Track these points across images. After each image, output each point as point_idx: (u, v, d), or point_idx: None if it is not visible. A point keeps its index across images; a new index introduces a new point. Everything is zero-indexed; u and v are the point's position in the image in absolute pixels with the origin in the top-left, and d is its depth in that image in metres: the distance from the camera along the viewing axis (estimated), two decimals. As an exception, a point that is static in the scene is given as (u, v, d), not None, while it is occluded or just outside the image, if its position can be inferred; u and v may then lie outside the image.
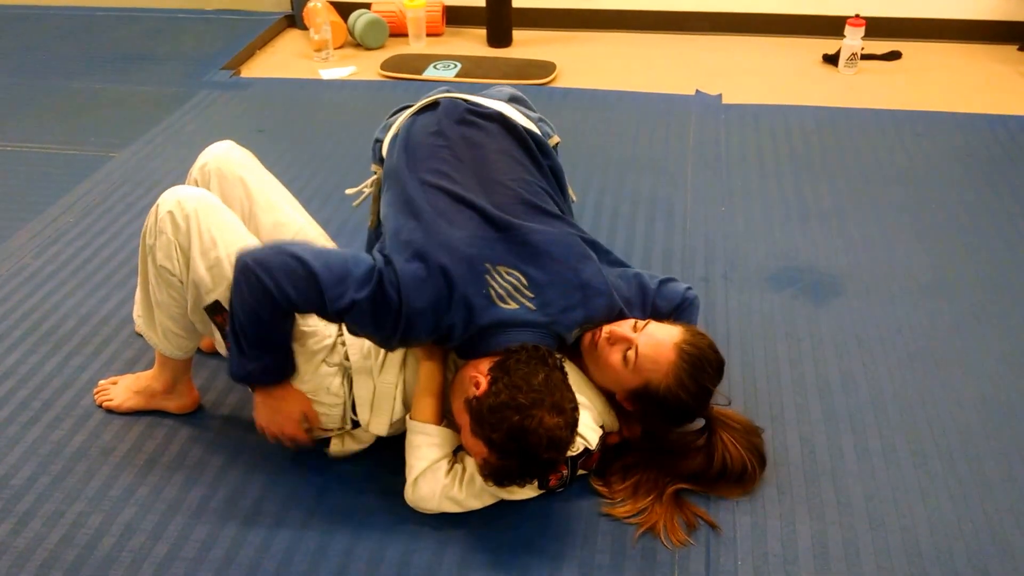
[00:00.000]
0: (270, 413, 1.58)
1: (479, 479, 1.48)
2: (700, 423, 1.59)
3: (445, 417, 1.55)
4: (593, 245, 1.61)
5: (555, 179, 1.67)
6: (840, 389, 1.83)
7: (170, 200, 1.54)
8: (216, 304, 1.53)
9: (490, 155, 1.59)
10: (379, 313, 1.42)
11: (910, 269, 2.21)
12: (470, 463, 1.50)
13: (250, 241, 1.56)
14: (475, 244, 1.46)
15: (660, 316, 1.61)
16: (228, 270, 1.50)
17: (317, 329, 1.56)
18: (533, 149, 1.64)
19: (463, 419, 1.43)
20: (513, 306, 1.45)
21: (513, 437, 1.34)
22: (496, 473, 1.41)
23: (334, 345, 1.58)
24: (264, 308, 1.43)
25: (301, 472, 1.64)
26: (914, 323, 2.02)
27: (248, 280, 1.42)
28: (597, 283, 1.54)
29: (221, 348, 1.60)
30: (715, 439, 1.55)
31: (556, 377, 1.39)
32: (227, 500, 1.59)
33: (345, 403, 1.59)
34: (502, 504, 1.53)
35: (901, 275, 2.18)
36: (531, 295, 1.47)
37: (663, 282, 1.67)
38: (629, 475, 1.56)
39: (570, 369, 1.54)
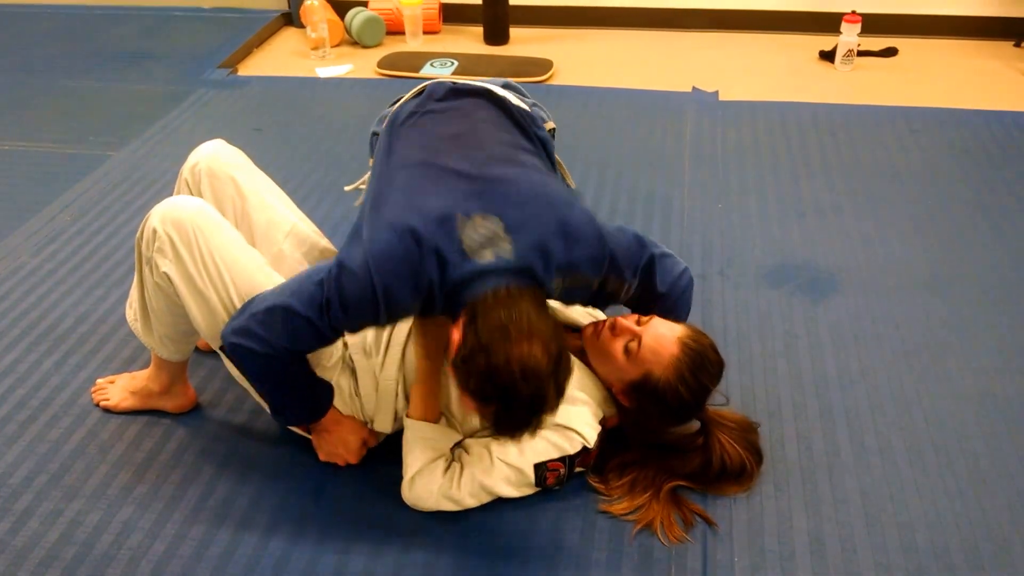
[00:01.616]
0: (331, 447, 1.62)
1: (477, 479, 1.48)
2: (696, 425, 1.59)
3: (443, 414, 1.55)
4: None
5: (544, 151, 1.61)
6: (837, 385, 1.83)
7: (169, 222, 1.50)
8: None
9: (476, 123, 1.54)
10: (356, 305, 1.37)
11: (907, 265, 2.21)
12: (468, 462, 1.51)
13: (253, 257, 1.56)
14: (448, 201, 1.38)
15: (652, 289, 1.54)
16: (237, 299, 1.50)
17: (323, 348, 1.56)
18: (521, 120, 1.59)
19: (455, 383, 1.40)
20: (489, 257, 1.35)
21: (486, 379, 1.28)
22: (496, 426, 1.34)
23: (343, 356, 1.60)
24: (272, 369, 1.46)
25: (299, 470, 1.65)
26: (911, 319, 2.02)
27: (241, 355, 1.45)
28: (584, 231, 1.42)
29: (243, 381, 1.60)
30: (712, 440, 1.55)
31: (523, 308, 1.30)
32: (225, 498, 1.59)
33: (358, 405, 1.61)
34: (498, 502, 1.53)
35: (898, 271, 2.19)
36: (508, 241, 1.37)
37: (664, 255, 1.57)
38: (626, 472, 1.56)
39: (574, 363, 1.54)
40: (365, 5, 3.77)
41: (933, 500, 1.57)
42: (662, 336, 1.48)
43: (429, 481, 1.49)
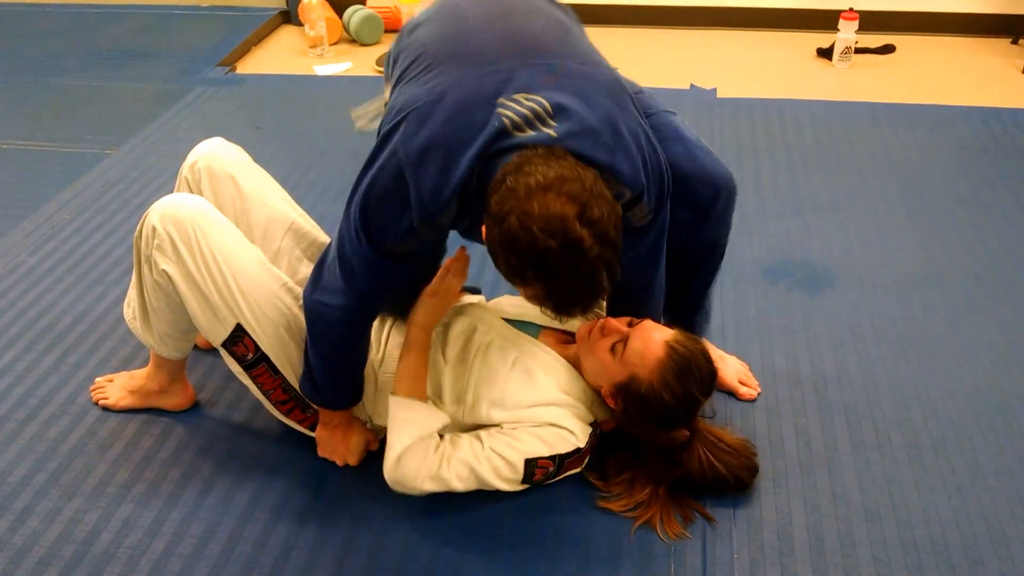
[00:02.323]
0: (333, 446, 1.61)
1: (467, 463, 1.45)
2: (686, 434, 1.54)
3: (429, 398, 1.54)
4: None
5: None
6: (835, 381, 1.83)
7: (168, 220, 1.49)
8: (237, 330, 1.51)
9: (520, 8, 1.39)
10: (382, 199, 1.27)
11: (904, 262, 2.21)
12: (459, 446, 1.47)
13: (254, 254, 1.55)
14: (488, 73, 1.25)
15: (695, 197, 1.46)
16: (238, 294, 1.50)
17: None
18: (571, 12, 1.49)
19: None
20: (531, 133, 1.21)
21: (510, 251, 1.15)
22: (553, 307, 1.22)
23: None
24: (345, 336, 1.46)
25: (298, 468, 1.65)
26: (908, 315, 2.03)
27: (320, 314, 1.43)
28: (632, 139, 1.28)
29: (244, 378, 1.59)
30: (692, 454, 1.51)
31: (544, 166, 1.15)
32: (224, 496, 1.59)
33: (363, 404, 1.61)
34: (498, 498, 1.53)
35: (895, 268, 2.19)
36: (555, 123, 1.23)
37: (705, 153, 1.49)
38: (625, 469, 1.56)
39: (562, 366, 1.54)
40: (363, 3, 3.77)
41: (931, 495, 1.57)
42: (649, 339, 1.45)
43: (418, 460, 1.44)
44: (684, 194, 1.48)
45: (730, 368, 1.80)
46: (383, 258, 1.34)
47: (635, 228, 1.37)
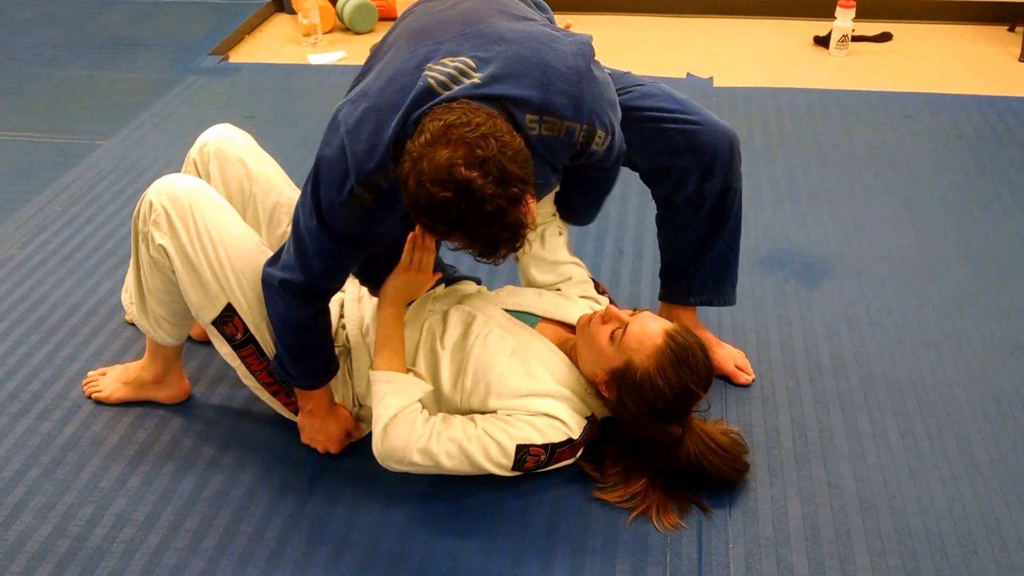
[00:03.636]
0: (314, 432, 1.61)
1: (458, 441, 1.44)
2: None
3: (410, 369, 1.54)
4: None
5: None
6: (831, 371, 1.83)
7: (164, 195, 1.51)
8: (227, 310, 1.53)
9: (471, 5, 1.40)
10: (328, 172, 1.35)
11: (900, 251, 2.21)
12: (452, 425, 1.46)
13: (249, 235, 1.57)
14: (422, 47, 1.30)
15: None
16: (231, 272, 1.51)
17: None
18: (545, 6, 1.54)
19: None
20: (455, 88, 1.25)
21: (417, 211, 1.21)
22: (470, 249, 1.27)
23: (336, 329, 1.61)
24: (301, 313, 1.47)
25: (293, 461, 1.64)
26: (904, 305, 2.02)
27: (279, 291, 1.45)
28: (567, 70, 1.27)
29: (233, 360, 1.59)
30: (681, 450, 1.50)
31: (449, 113, 1.17)
32: (219, 489, 1.59)
33: (350, 386, 1.62)
34: (494, 488, 1.53)
35: (891, 257, 2.19)
36: (477, 72, 1.25)
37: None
38: (621, 459, 1.56)
39: (558, 358, 1.54)
40: (356, -9, 3.74)
41: (927, 485, 1.58)
42: (648, 326, 1.46)
43: (405, 431, 1.43)
44: (687, 144, 1.58)
45: (727, 353, 1.81)
46: (335, 241, 1.38)
47: (599, 158, 1.41)
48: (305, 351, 1.54)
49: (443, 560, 1.45)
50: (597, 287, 1.74)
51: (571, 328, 1.59)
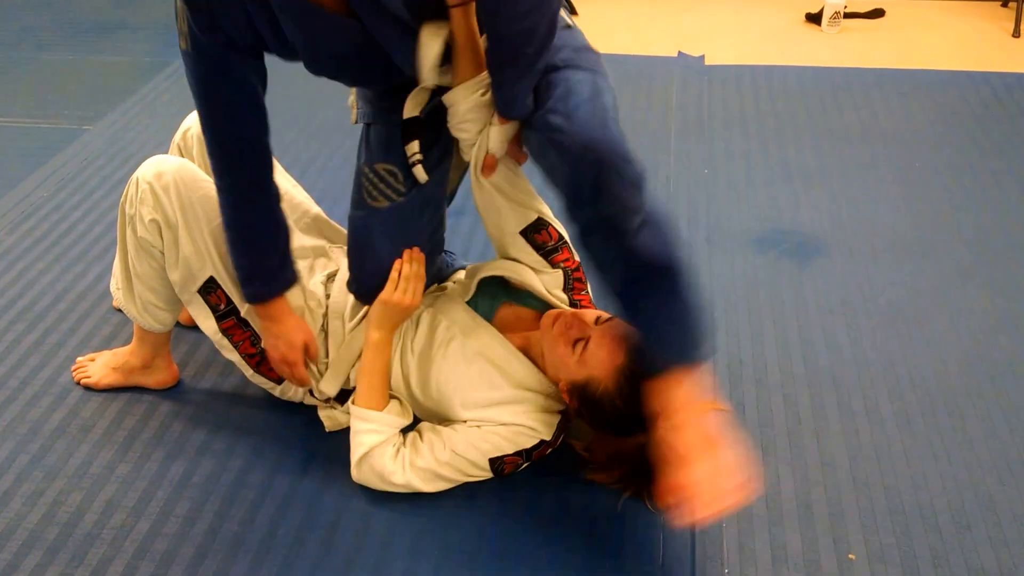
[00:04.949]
0: (273, 339, 1.57)
1: (431, 469, 1.46)
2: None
3: (395, 398, 1.55)
4: None
5: None
6: (824, 349, 1.83)
7: (150, 173, 1.53)
8: (210, 282, 1.55)
9: None
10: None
11: (894, 229, 2.20)
12: (420, 450, 1.48)
13: None
14: None
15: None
16: (212, 246, 1.53)
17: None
18: None
19: None
20: None
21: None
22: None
23: (323, 325, 1.61)
24: (239, 183, 1.44)
25: (284, 446, 1.63)
26: (897, 283, 2.02)
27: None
28: None
29: (216, 336, 1.59)
30: (648, 452, 1.37)
31: None
32: (209, 475, 1.58)
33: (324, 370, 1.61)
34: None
35: (885, 235, 2.18)
36: None
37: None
38: (603, 445, 1.55)
39: (518, 360, 1.51)
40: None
41: (919, 462, 1.57)
42: (613, 340, 1.40)
43: (376, 466, 1.47)
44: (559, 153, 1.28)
45: (703, 471, 1.29)
46: (202, 50, 1.28)
47: None
48: (242, 242, 1.49)
49: (435, 544, 1.45)
50: (578, 271, 1.64)
51: (535, 313, 1.57)
